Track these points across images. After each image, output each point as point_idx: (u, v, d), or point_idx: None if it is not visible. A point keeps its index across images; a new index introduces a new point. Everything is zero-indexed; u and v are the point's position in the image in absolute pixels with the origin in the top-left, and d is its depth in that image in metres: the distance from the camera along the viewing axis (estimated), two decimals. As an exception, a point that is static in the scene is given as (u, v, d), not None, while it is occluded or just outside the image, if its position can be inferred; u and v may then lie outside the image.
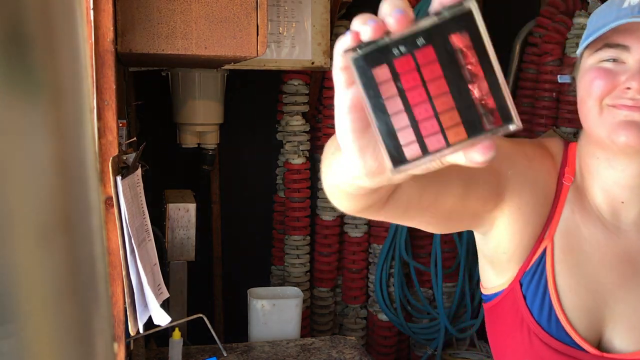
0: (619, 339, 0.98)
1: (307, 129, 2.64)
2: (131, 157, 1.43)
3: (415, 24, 0.46)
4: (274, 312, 2.21)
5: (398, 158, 0.47)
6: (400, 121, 0.47)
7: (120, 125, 1.39)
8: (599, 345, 0.99)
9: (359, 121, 0.49)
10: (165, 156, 2.54)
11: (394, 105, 0.47)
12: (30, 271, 0.35)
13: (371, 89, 0.47)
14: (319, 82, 2.59)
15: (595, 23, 0.94)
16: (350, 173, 0.54)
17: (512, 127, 0.47)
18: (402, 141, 0.47)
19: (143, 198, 1.49)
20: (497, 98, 0.47)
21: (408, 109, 0.47)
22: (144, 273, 1.35)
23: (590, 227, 1.00)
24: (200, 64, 2.12)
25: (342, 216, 2.74)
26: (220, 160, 2.68)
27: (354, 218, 2.72)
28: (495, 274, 1.05)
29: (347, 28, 1.91)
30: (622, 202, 0.98)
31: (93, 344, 0.40)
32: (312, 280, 2.75)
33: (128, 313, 1.33)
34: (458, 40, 0.46)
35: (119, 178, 1.29)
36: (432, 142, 0.47)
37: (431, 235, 2.72)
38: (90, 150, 0.40)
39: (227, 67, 2.23)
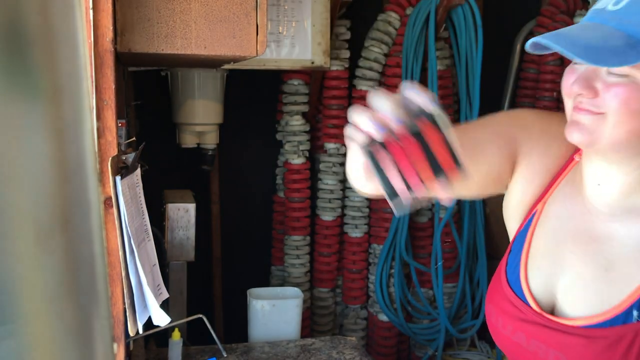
0: (564, 306, 1.06)
1: (307, 129, 2.64)
2: (130, 157, 1.43)
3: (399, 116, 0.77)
4: (274, 312, 2.21)
5: (394, 198, 0.77)
6: (394, 177, 0.76)
7: (120, 125, 1.39)
8: (553, 310, 1.07)
9: (367, 171, 0.79)
10: (165, 156, 2.54)
11: (389, 169, 0.76)
12: (29, 271, 0.35)
13: (374, 160, 0.76)
14: (319, 81, 2.59)
15: None
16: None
17: (461, 169, 0.77)
18: (396, 187, 0.76)
19: (142, 198, 1.49)
20: (452, 154, 0.76)
21: (399, 169, 0.76)
22: (144, 273, 1.34)
23: (574, 199, 1.08)
24: (199, 64, 2.12)
25: (342, 216, 2.74)
26: (220, 160, 2.68)
27: (354, 218, 2.72)
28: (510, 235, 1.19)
29: (347, 27, 2.00)
30: (599, 185, 1.04)
31: (92, 344, 0.40)
32: (312, 280, 2.75)
33: (127, 313, 1.33)
34: (424, 125, 0.76)
35: (118, 178, 1.29)
36: (414, 184, 0.76)
37: (431, 235, 2.72)
38: (89, 150, 0.40)
39: (226, 66, 2.22)
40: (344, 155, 2.70)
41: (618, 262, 1.01)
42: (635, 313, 0.97)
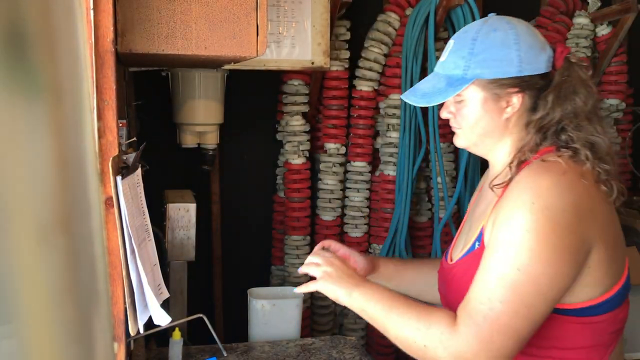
0: (457, 251, 1.48)
1: (307, 129, 2.64)
2: (131, 157, 1.43)
3: None
4: (274, 312, 2.21)
5: None
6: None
7: (120, 125, 1.39)
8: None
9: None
10: (165, 156, 2.54)
11: None
12: (30, 271, 0.35)
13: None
14: (319, 82, 2.59)
15: None
16: None
17: None
18: None
19: (143, 198, 1.49)
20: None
21: None
22: (144, 273, 1.35)
23: (485, 186, 1.49)
24: (200, 64, 2.12)
25: (342, 216, 2.74)
26: (220, 160, 2.68)
27: (354, 218, 2.72)
28: None
29: (347, 28, 2.09)
30: (491, 166, 1.49)
31: (93, 343, 0.40)
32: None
33: (128, 313, 1.33)
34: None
35: (119, 178, 1.29)
36: None
37: (431, 235, 2.72)
38: (90, 150, 0.40)
39: (227, 67, 2.23)
40: (344, 155, 2.70)
41: (481, 213, 1.44)
42: (476, 244, 1.38)
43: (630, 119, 2.97)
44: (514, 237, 1.24)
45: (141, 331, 1.38)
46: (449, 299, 1.44)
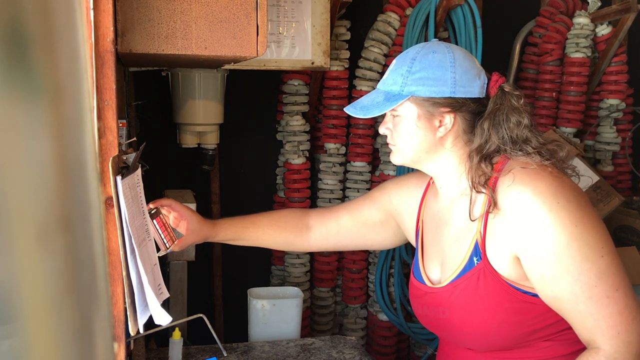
0: (443, 275, 1.52)
1: (307, 129, 2.64)
2: (131, 157, 1.43)
3: None
4: (274, 312, 2.21)
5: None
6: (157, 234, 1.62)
7: (120, 125, 1.39)
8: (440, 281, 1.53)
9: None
10: (165, 156, 2.54)
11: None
12: (30, 271, 0.35)
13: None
14: (319, 82, 2.59)
15: None
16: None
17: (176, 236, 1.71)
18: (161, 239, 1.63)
19: (143, 198, 1.49)
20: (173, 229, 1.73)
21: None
22: (144, 273, 1.35)
23: (436, 203, 1.59)
24: (200, 64, 2.12)
25: (342, 216, 2.74)
26: (220, 160, 2.68)
27: (354, 218, 2.72)
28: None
29: (347, 28, 2.10)
30: (440, 187, 1.56)
31: (93, 343, 0.40)
32: (312, 280, 2.75)
33: (128, 313, 1.33)
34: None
35: (119, 178, 1.29)
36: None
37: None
38: (90, 150, 0.40)
39: (227, 67, 2.23)
40: (344, 155, 2.70)
41: (459, 232, 1.48)
42: (474, 259, 1.42)
43: (630, 119, 2.96)
44: (573, 238, 1.30)
45: (141, 331, 1.38)
46: (455, 320, 1.47)
